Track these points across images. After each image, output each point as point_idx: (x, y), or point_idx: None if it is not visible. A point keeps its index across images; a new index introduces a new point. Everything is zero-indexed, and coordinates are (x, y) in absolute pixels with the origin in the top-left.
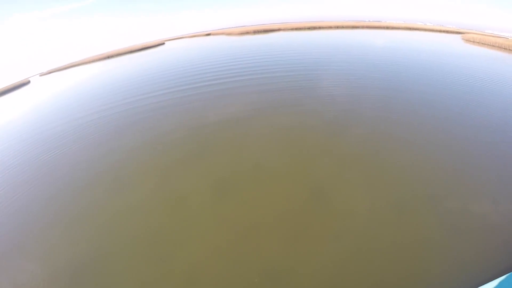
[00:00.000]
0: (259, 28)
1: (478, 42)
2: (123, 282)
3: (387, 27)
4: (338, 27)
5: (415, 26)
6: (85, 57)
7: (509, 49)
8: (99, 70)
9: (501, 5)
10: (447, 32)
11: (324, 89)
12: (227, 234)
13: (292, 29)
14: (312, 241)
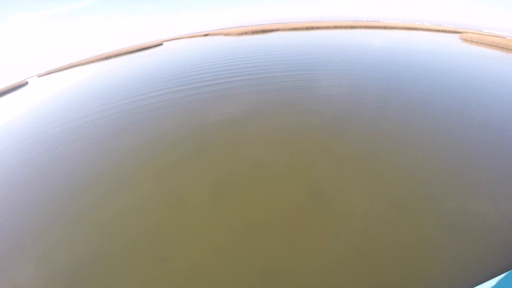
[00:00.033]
0: (257, 28)
1: (476, 42)
2: (122, 282)
3: (385, 27)
4: (336, 27)
5: (413, 26)
6: (83, 58)
7: (506, 48)
8: (98, 71)
9: (501, 5)
10: (445, 31)
11: (323, 89)
12: (226, 234)
13: (290, 29)
14: (311, 241)
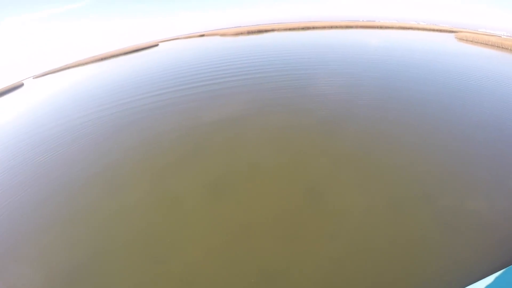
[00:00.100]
0: (253, 28)
1: (471, 41)
2: (118, 283)
3: (381, 27)
4: (332, 27)
5: (409, 25)
6: (80, 59)
7: (501, 47)
8: (95, 72)
9: (501, 5)
10: (440, 31)
11: (319, 88)
12: (222, 234)
13: (286, 29)
14: (307, 241)
